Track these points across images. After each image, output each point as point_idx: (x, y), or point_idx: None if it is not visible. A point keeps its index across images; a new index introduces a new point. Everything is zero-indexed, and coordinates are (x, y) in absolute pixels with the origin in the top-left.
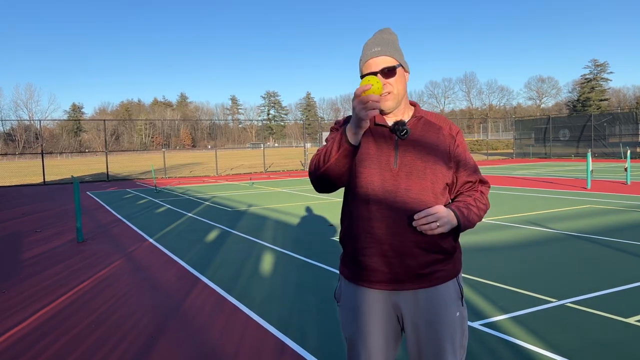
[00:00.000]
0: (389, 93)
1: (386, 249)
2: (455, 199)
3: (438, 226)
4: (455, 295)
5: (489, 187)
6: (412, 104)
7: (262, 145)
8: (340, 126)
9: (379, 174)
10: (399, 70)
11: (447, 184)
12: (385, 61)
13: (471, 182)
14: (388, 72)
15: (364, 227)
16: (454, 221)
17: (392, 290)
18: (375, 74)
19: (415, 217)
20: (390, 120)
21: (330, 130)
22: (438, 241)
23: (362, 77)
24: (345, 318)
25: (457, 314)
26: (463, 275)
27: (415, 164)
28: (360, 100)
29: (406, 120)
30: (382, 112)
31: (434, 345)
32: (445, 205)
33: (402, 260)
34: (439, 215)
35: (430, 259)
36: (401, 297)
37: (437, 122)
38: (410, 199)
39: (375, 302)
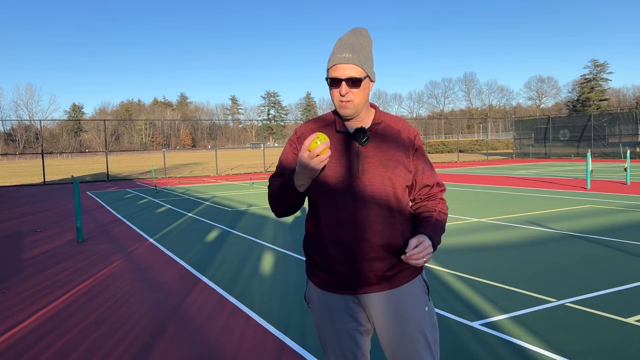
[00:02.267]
0: (349, 101)
1: (353, 255)
2: (420, 210)
3: (424, 261)
4: (421, 290)
5: (445, 189)
6: (373, 106)
7: (262, 145)
8: (297, 138)
9: (342, 182)
10: (365, 81)
11: (407, 186)
12: (353, 70)
13: (429, 185)
14: (353, 83)
15: (330, 234)
16: (432, 248)
17: (361, 294)
18: (339, 81)
19: (408, 254)
20: (350, 127)
21: (289, 144)
22: (402, 244)
23: (328, 79)
24: (318, 319)
25: (426, 308)
26: (463, 275)
27: (377, 170)
28: (310, 156)
29: (367, 126)
30: (342, 119)
31: (407, 341)
32: (414, 215)
33: (370, 265)
34: (428, 251)
35: (395, 261)
36: (370, 299)
37: (396, 126)
38: (374, 205)
39: (346, 306)
